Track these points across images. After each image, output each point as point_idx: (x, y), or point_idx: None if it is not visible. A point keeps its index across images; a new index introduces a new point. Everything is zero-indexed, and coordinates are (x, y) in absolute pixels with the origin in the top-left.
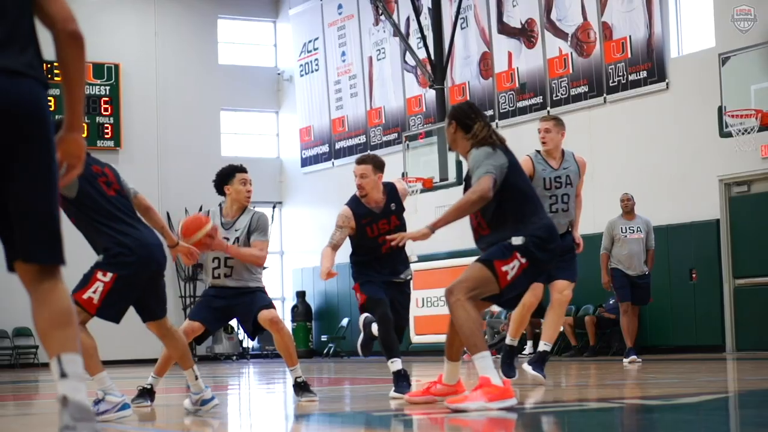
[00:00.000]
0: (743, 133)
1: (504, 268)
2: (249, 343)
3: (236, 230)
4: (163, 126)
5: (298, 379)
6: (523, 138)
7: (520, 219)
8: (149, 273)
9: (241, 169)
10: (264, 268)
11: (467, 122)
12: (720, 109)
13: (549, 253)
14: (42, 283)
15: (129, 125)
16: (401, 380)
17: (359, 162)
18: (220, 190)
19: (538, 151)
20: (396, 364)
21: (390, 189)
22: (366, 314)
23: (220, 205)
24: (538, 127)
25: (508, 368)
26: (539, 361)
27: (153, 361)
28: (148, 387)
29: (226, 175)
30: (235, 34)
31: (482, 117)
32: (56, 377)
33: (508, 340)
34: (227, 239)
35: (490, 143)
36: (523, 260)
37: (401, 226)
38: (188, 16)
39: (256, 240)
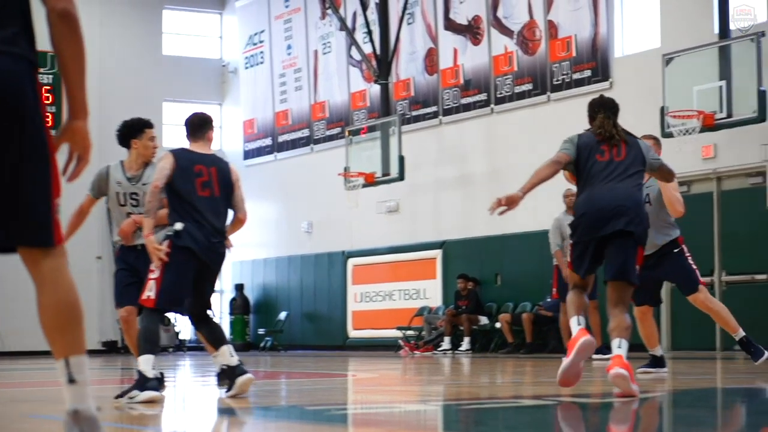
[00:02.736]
0: (685, 134)
1: (567, 259)
2: (186, 335)
3: (144, 184)
4: (105, 116)
5: (223, 367)
6: (465, 134)
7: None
8: None
9: (150, 125)
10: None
11: (591, 114)
12: (662, 109)
13: (582, 219)
14: (40, 269)
15: None
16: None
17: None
18: (126, 143)
19: None
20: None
21: None
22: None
23: (121, 161)
24: None
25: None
26: (748, 347)
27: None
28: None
29: (136, 129)
30: (181, 25)
31: (605, 110)
32: (64, 382)
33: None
34: (135, 194)
35: (587, 130)
36: (571, 241)
37: None
38: (133, 6)
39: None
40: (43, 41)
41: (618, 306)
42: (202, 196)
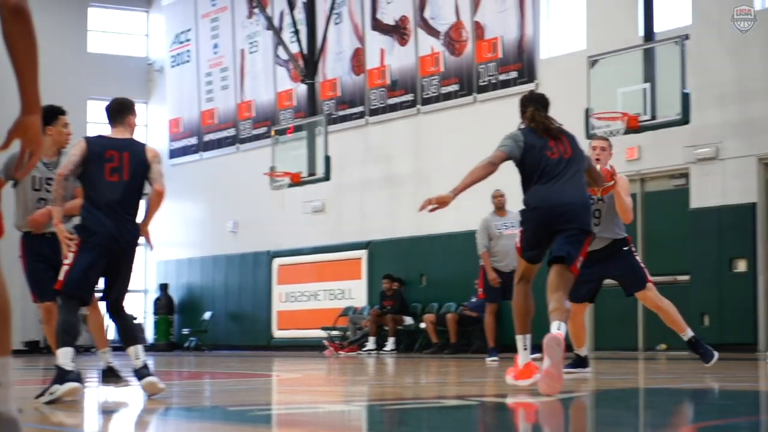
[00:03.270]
0: (609, 135)
1: (517, 243)
2: (109, 335)
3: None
4: None
5: (109, 364)
6: (392, 135)
7: (524, 192)
8: None
9: (63, 112)
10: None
11: (522, 109)
12: (587, 111)
13: (534, 213)
14: None
15: None
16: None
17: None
18: None
19: None
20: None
21: None
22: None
23: None
24: (593, 145)
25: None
26: (696, 348)
27: None
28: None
29: (50, 116)
30: (106, 22)
31: (534, 104)
32: None
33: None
34: (51, 179)
35: (529, 127)
36: (521, 227)
37: None
38: (58, 3)
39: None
40: None
41: (558, 291)
42: (110, 182)
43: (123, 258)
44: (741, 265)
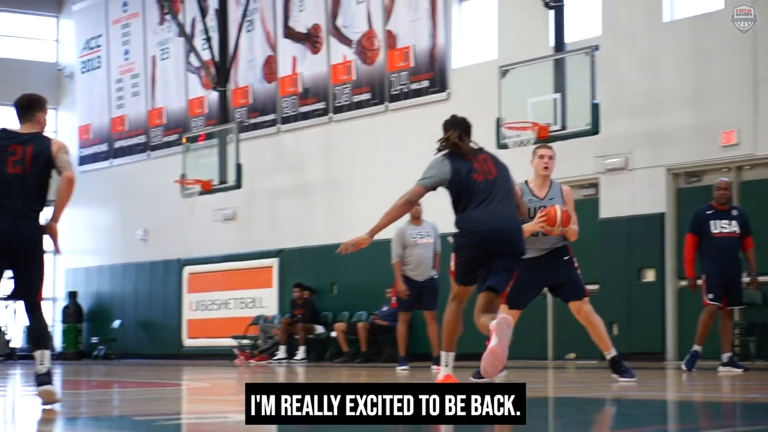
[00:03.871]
0: (520, 145)
1: (452, 268)
2: (17, 344)
3: None
4: None
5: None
6: (304, 143)
7: (456, 215)
8: None
9: None
10: None
11: (443, 131)
12: (498, 120)
13: (470, 238)
14: None
15: None
16: None
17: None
18: None
19: (526, 182)
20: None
21: None
22: None
23: None
24: (540, 154)
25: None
26: (618, 367)
27: None
28: None
29: None
30: (15, 27)
31: (456, 128)
32: None
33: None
34: None
35: (449, 151)
36: (456, 253)
37: None
38: None
39: None
40: None
41: (488, 314)
42: (12, 173)
43: (24, 256)
44: (650, 275)
